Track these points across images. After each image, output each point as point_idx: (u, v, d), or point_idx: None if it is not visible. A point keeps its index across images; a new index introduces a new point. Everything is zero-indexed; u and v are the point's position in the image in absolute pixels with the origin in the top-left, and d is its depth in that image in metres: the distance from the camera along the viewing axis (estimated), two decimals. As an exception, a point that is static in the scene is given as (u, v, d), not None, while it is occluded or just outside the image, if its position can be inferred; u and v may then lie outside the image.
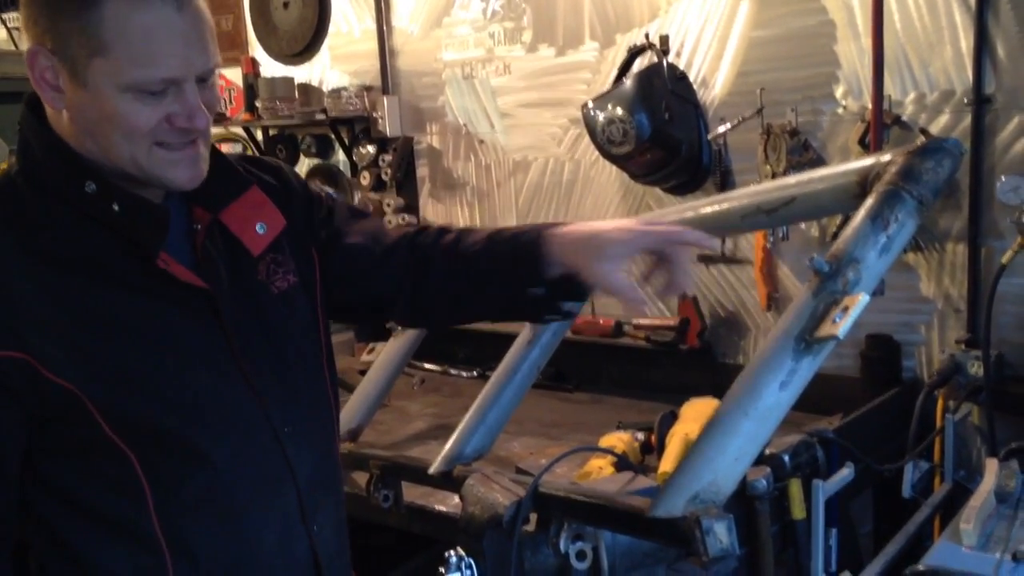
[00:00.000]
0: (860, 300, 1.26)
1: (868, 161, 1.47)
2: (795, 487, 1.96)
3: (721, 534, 1.26)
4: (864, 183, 1.45)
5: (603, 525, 1.47)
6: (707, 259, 2.94)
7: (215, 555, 1.23)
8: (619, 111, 2.80)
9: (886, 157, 1.42)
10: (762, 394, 1.31)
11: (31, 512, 1.21)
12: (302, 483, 1.30)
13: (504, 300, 1.42)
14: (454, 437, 1.90)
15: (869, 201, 1.38)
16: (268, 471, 1.27)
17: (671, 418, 2.36)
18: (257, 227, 1.31)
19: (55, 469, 1.18)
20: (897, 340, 2.67)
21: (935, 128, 2.54)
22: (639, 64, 2.94)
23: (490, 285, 1.41)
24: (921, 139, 2.48)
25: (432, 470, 1.87)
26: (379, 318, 1.60)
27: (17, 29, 4.44)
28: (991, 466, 2.05)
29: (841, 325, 1.26)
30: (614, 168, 3.03)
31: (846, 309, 1.27)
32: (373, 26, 3.60)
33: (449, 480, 1.83)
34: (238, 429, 1.24)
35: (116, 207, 1.18)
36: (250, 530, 1.26)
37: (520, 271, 1.37)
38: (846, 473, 1.72)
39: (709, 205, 1.72)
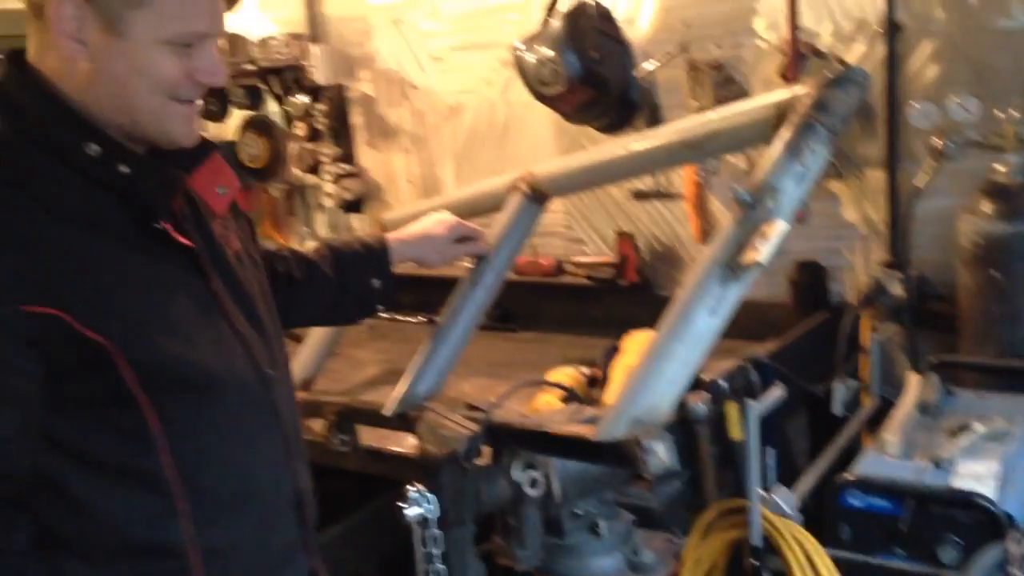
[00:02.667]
0: (779, 226, 1.34)
1: (784, 94, 1.54)
2: (732, 410, 2.06)
3: (662, 453, 1.35)
4: (780, 115, 1.52)
5: (552, 452, 1.55)
6: (642, 195, 3.02)
7: (219, 493, 1.32)
8: (548, 51, 2.82)
9: (801, 90, 1.50)
10: (694, 321, 1.39)
11: (37, 468, 1.23)
12: (286, 423, 1.42)
13: (351, 294, 1.80)
14: (406, 379, 1.97)
15: (784, 132, 1.46)
16: (261, 412, 1.39)
17: (613, 351, 2.45)
18: (218, 189, 1.39)
19: (67, 423, 1.22)
20: (824, 265, 2.77)
21: (850, 57, 2.60)
22: (566, 3, 2.96)
23: (344, 281, 1.78)
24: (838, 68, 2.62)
25: (386, 411, 1.93)
26: None
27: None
28: (912, 380, 2.18)
29: (763, 251, 1.34)
30: (548, 110, 3.06)
31: (765, 235, 1.35)
32: (298, -29, 3.55)
33: (404, 421, 1.89)
34: (236, 371, 1.34)
35: (124, 168, 1.23)
36: (249, 467, 1.36)
37: (370, 263, 1.80)
38: (777, 393, 1.82)
39: (637, 142, 1.78)
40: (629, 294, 2.96)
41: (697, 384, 2.03)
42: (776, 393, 1.75)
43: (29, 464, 1.22)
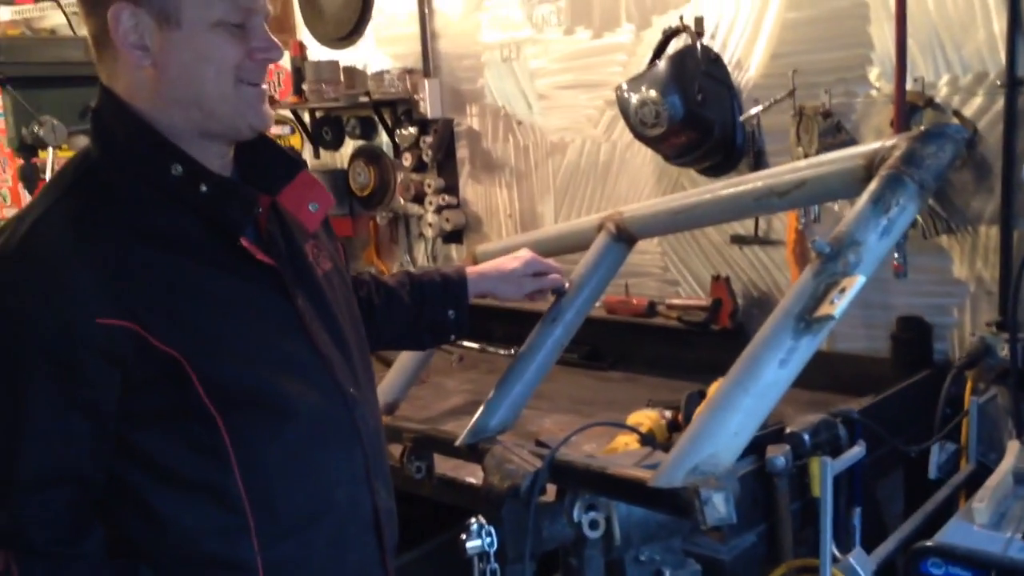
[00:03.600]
0: (857, 281, 1.31)
1: (874, 146, 1.50)
2: (815, 465, 2.00)
3: (719, 504, 1.31)
4: (870, 167, 1.48)
5: (612, 495, 1.53)
6: (740, 240, 2.98)
7: (293, 510, 1.34)
8: (652, 93, 2.83)
9: (891, 142, 1.46)
10: (762, 371, 1.36)
11: (112, 476, 1.28)
12: (367, 443, 1.43)
13: (426, 322, 1.83)
14: (480, 411, 1.98)
15: (872, 185, 1.42)
16: (341, 430, 1.40)
17: (698, 397, 2.41)
18: (310, 206, 1.42)
19: (142, 435, 1.26)
20: (929, 322, 2.67)
21: (968, 110, 2.53)
22: (674, 46, 2.97)
23: (420, 310, 1.82)
24: (955, 121, 2.53)
25: (458, 442, 1.94)
26: None
27: (76, 14, 4.60)
28: (1012, 447, 2.07)
29: (838, 305, 1.31)
30: (649, 150, 3.07)
31: (843, 290, 1.32)
32: (416, 9, 3.66)
33: (474, 452, 1.90)
34: (315, 390, 1.36)
35: (204, 188, 1.28)
36: (325, 486, 1.37)
37: (448, 295, 1.83)
38: (856, 451, 1.75)
39: (725, 188, 1.76)
40: (721, 339, 2.91)
41: (779, 436, 1.99)
42: (854, 451, 1.68)
43: (105, 472, 1.27)
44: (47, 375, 1.20)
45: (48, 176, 3.34)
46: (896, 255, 2.47)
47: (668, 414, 2.46)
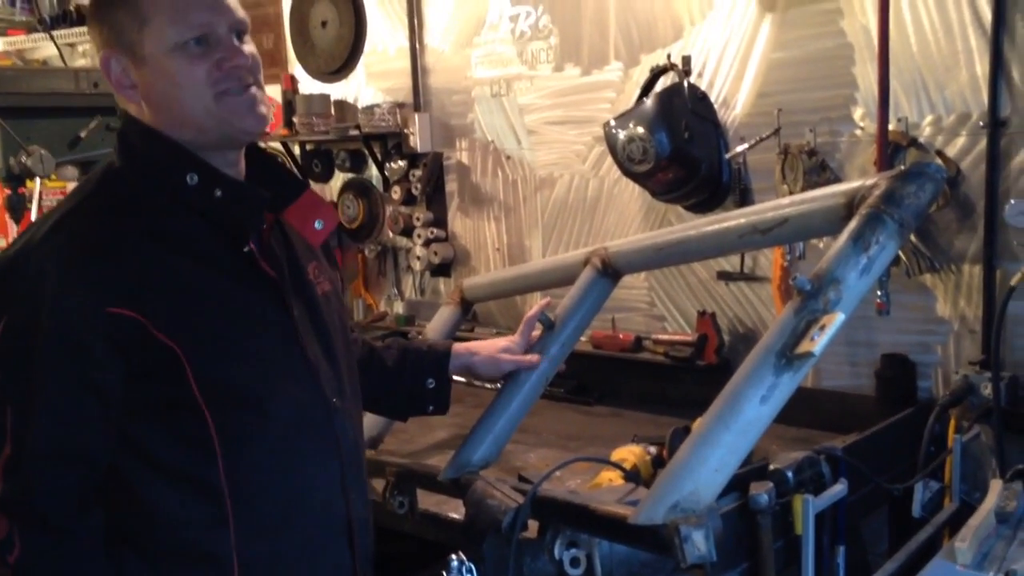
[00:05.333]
0: (837, 318, 1.31)
1: (855, 184, 1.52)
2: (798, 503, 2.00)
3: (699, 542, 1.31)
4: (851, 205, 1.49)
5: (593, 531, 1.52)
6: (727, 276, 2.99)
7: (271, 508, 1.41)
8: (639, 129, 2.85)
9: (871, 180, 1.47)
10: (743, 408, 1.36)
11: (109, 464, 1.35)
12: (345, 454, 1.49)
13: (405, 387, 1.85)
14: (463, 445, 1.97)
15: (852, 223, 1.43)
16: (321, 437, 1.47)
17: (684, 433, 2.39)
18: (316, 223, 1.52)
19: (137, 425, 1.34)
20: (913, 360, 2.68)
21: (951, 150, 2.56)
22: (662, 84, 3.00)
23: (400, 376, 1.83)
24: (938, 160, 2.56)
25: (440, 477, 1.93)
26: None
27: (69, 46, 4.62)
28: (994, 487, 2.06)
29: (818, 342, 1.31)
30: (637, 186, 3.09)
31: (824, 327, 1.32)
32: (407, 44, 3.69)
33: (456, 487, 1.90)
34: (299, 396, 1.43)
35: (219, 192, 1.38)
36: (301, 487, 1.43)
37: (430, 363, 1.84)
38: (838, 489, 1.75)
39: (709, 224, 1.77)
40: (707, 375, 2.91)
41: (763, 473, 1.98)
42: (836, 489, 1.68)
43: (109, 455, 1.34)
44: (61, 356, 1.29)
45: (34, 206, 3.34)
46: (879, 293, 2.48)
47: (653, 450, 2.44)
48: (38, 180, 3.52)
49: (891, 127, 2.56)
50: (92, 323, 1.28)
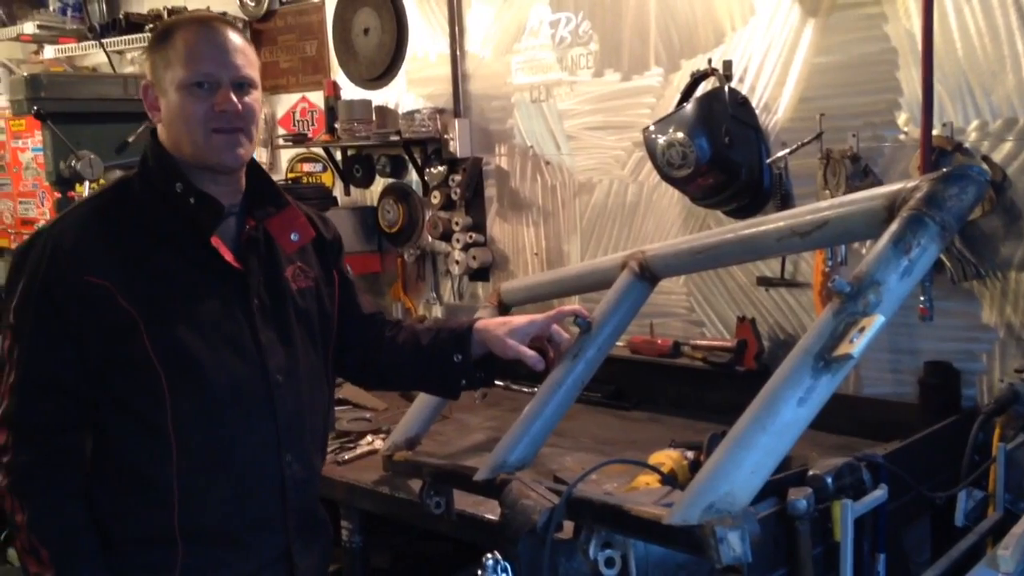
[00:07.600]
0: (877, 321, 1.30)
1: (896, 187, 1.50)
2: (837, 509, 1.98)
3: (734, 543, 1.30)
4: (891, 208, 1.48)
5: (627, 532, 1.52)
6: (767, 282, 2.97)
7: (204, 453, 1.71)
8: (679, 135, 2.85)
9: (912, 183, 1.45)
10: (780, 410, 1.35)
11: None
12: (280, 420, 1.77)
13: (436, 363, 1.96)
14: (499, 447, 1.98)
15: (893, 226, 1.42)
16: (256, 403, 1.75)
17: (721, 438, 2.37)
18: (292, 235, 1.86)
19: (112, 375, 1.68)
20: (957, 368, 2.64)
21: (998, 155, 2.52)
22: (703, 89, 2.99)
23: (432, 352, 1.96)
24: (984, 165, 2.52)
25: (476, 477, 1.94)
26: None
27: (118, 53, 4.72)
28: (1040, 495, 2.03)
29: (857, 345, 1.30)
30: (676, 191, 3.08)
31: (863, 329, 1.31)
32: (447, 51, 3.72)
33: (492, 487, 1.90)
34: (240, 368, 1.73)
35: (192, 199, 1.74)
36: (231, 441, 1.73)
37: (456, 340, 1.94)
38: (878, 495, 1.73)
39: (747, 228, 1.76)
40: (746, 381, 2.88)
41: (802, 479, 1.96)
42: (876, 495, 1.66)
43: (84, 391, 1.67)
44: (48, 311, 1.66)
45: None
46: (923, 299, 2.45)
47: (690, 454, 2.43)
48: (87, 184, 3.60)
49: (935, 132, 2.53)
50: (71, 287, 1.64)
